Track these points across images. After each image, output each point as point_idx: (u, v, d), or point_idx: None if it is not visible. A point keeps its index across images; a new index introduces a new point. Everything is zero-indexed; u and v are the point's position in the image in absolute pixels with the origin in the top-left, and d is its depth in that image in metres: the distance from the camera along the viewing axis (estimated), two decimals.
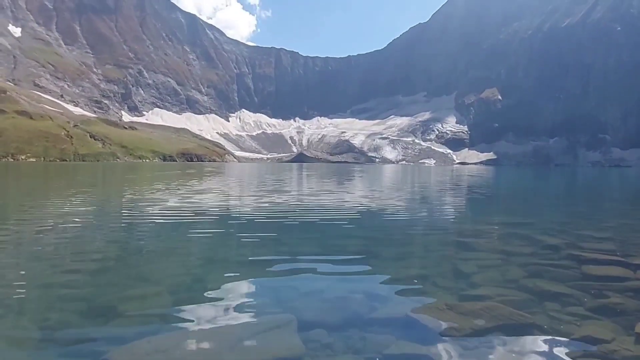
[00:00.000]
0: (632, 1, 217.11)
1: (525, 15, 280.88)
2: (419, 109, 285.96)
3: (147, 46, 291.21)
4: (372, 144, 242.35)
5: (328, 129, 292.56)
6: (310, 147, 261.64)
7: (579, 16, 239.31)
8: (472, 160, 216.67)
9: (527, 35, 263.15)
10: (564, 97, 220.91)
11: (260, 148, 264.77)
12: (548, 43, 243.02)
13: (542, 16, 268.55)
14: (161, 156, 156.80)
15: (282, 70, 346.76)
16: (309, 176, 39.89)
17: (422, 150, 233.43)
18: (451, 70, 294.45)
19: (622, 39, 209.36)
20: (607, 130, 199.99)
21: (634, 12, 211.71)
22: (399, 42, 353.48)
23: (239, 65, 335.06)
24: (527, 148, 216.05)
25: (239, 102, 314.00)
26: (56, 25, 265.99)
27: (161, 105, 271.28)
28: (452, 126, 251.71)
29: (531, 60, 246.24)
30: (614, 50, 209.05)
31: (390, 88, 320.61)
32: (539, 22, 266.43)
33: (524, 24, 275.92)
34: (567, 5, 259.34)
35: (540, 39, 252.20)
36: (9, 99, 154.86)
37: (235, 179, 32.66)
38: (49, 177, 34.24)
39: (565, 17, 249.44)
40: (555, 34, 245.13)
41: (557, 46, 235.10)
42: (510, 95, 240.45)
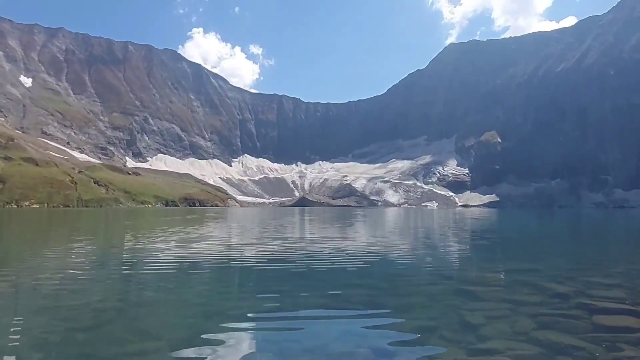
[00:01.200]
0: (624, 46, 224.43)
1: (519, 61, 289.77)
2: (419, 153, 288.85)
3: (153, 94, 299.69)
4: (373, 188, 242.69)
5: (330, 173, 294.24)
6: (312, 191, 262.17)
7: (573, 61, 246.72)
8: (474, 202, 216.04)
9: (523, 80, 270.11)
10: (563, 139, 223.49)
11: (262, 192, 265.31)
12: (544, 87, 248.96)
13: (536, 62, 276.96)
14: (164, 201, 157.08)
15: (284, 116, 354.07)
16: (311, 221, 39.74)
17: (424, 193, 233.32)
18: (450, 115, 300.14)
19: (616, 82, 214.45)
20: (609, 172, 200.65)
21: (626, 57, 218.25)
22: (398, 87, 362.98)
23: (242, 111, 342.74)
24: (529, 190, 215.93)
25: (241, 148, 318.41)
26: (66, 75, 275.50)
27: (165, 151, 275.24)
28: (453, 169, 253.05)
29: (528, 104, 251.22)
30: (609, 93, 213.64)
31: (390, 132, 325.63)
32: (533, 68, 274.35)
33: (519, 69, 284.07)
34: (560, 51, 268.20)
35: (536, 83, 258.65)
36: (16, 146, 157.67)
37: (236, 224, 32.53)
38: (51, 224, 34.22)
39: (559, 63, 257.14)
40: (551, 78, 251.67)
41: (553, 90, 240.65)
42: (510, 138, 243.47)
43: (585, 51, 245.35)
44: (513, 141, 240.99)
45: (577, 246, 17.87)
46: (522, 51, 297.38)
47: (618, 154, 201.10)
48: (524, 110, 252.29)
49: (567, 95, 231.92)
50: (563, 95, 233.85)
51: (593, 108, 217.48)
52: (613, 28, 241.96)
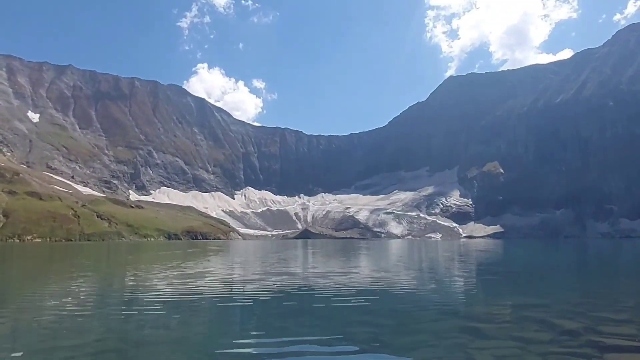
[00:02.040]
0: (621, 78, 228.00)
1: (518, 94, 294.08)
2: (422, 184, 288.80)
3: (157, 129, 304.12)
4: (377, 219, 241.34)
5: (332, 205, 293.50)
6: (315, 223, 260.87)
7: (571, 93, 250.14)
8: (479, 233, 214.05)
9: (523, 112, 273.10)
10: (566, 169, 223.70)
11: (265, 225, 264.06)
12: (544, 118, 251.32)
13: (535, 94, 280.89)
14: (166, 234, 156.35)
15: (287, 148, 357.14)
16: (313, 254, 39.34)
17: (427, 225, 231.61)
18: (452, 146, 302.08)
19: (615, 113, 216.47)
20: (613, 201, 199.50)
21: (624, 88, 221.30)
22: (400, 120, 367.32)
23: (245, 144, 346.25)
24: (534, 220, 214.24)
25: (244, 180, 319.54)
26: (73, 111, 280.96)
27: (168, 184, 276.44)
28: (456, 200, 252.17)
29: (529, 135, 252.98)
30: (609, 123, 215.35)
31: (392, 164, 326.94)
32: (532, 100, 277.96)
33: (518, 101, 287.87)
34: (557, 83, 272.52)
35: (536, 114, 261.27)
36: (21, 180, 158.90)
37: (238, 258, 32.22)
38: (52, 259, 33.99)
39: (558, 94, 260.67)
40: (550, 110, 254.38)
41: (553, 121, 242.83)
42: (512, 169, 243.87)
43: (583, 83, 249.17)
44: (515, 172, 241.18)
45: (585, 279, 17.55)
46: (520, 83, 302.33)
47: (621, 184, 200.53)
48: (525, 141, 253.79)
49: (568, 126, 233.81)
50: (563, 126, 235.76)
51: (594, 138, 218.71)
52: (609, 61, 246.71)
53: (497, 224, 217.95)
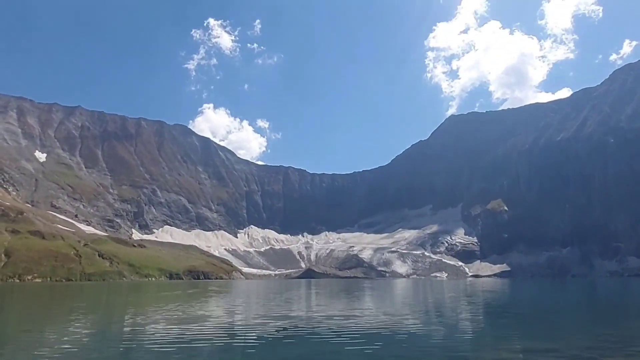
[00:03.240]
0: (620, 115, 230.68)
1: (519, 132, 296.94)
2: (426, 222, 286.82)
3: (162, 168, 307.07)
4: (381, 258, 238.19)
5: (336, 244, 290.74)
6: (318, 262, 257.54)
7: (572, 131, 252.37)
8: (485, 272, 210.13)
9: (525, 149, 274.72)
10: (570, 206, 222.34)
11: (268, 264, 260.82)
12: (546, 156, 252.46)
13: (535, 132, 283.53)
14: (168, 274, 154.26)
15: (290, 187, 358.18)
16: (317, 294, 38.63)
17: (432, 264, 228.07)
18: (455, 184, 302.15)
19: (616, 151, 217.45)
20: (620, 239, 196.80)
21: (624, 126, 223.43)
22: (402, 158, 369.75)
23: (249, 183, 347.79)
24: (541, 259, 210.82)
25: (247, 219, 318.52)
26: (80, 150, 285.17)
27: (171, 223, 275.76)
28: (461, 238, 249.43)
29: (532, 172, 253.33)
30: (611, 161, 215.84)
31: (396, 202, 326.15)
32: (534, 137, 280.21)
33: (519, 139, 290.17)
34: (558, 121, 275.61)
35: (538, 152, 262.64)
36: (24, 219, 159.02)
37: (239, 299, 31.66)
38: (51, 299, 33.51)
39: (559, 132, 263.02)
40: (552, 147, 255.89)
41: (555, 159, 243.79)
42: (516, 206, 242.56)
43: (583, 121, 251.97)
44: (519, 209, 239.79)
45: (595, 320, 17.10)
46: (521, 122, 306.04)
47: (627, 221, 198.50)
48: (528, 179, 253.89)
49: (570, 163, 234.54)
50: (565, 164, 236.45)
51: (597, 176, 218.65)
52: (608, 99, 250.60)
53: (504, 263, 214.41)
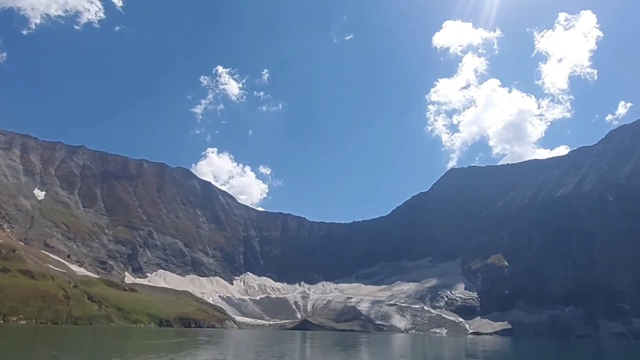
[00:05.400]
0: (619, 173, 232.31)
1: (519, 186, 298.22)
2: (425, 275, 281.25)
3: (160, 209, 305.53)
4: (379, 311, 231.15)
5: (334, 294, 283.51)
6: (315, 312, 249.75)
7: (571, 187, 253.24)
8: (486, 329, 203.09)
9: (524, 204, 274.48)
10: (571, 263, 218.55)
11: (262, 313, 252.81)
12: (546, 211, 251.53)
13: (535, 187, 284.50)
14: (157, 320, 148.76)
15: (289, 234, 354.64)
16: (312, 348, 36.62)
17: (432, 319, 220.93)
18: (454, 237, 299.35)
19: (617, 208, 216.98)
20: (624, 299, 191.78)
21: (623, 183, 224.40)
22: (402, 209, 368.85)
23: (247, 228, 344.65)
24: (543, 317, 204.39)
25: (244, 265, 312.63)
26: (79, 189, 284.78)
27: (165, 267, 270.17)
28: (461, 292, 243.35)
29: (532, 227, 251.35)
30: (612, 219, 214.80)
31: (395, 253, 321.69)
32: (533, 192, 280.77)
33: (519, 193, 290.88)
34: (557, 177, 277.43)
35: (537, 207, 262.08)
36: (16, 257, 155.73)
37: (228, 352, 29.85)
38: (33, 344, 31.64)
39: (558, 188, 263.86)
40: (551, 203, 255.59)
41: (556, 214, 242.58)
42: (516, 262, 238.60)
43: (581, 178, 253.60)
44: (520, 265, 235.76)
45: None
46: (520, 176, 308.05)
47: (631, 281, 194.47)
48: (528, 234, 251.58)
49: (570, 219, 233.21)
50: (566, 220, 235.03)
51: (598, 233, 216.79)
52: (606, 157, 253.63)
53: (505, 320, 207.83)
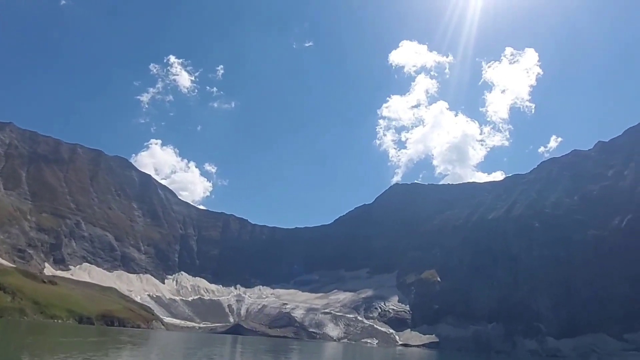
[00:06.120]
0: (545, 202, 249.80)
1: (456, 206, 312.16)
2: (361, 285, 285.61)
3: (92, 199, 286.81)
4: (314, 319, 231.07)
5: (269, 299, 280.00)
6: (248, 317, 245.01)
7: (502, 211, 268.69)
8: (414, 342, 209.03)
9: (459, 224, 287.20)
10: (497, 284, 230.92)
11: (193, 315, 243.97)
12: (477, 232, 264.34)
13: (470, 208, 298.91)
14: (77, 317, 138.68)
15: (229, 235, 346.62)
16: (242, 353, 35.06)
17: (364, 329, 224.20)
18: (392, 250, 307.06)
19: (540, 235, 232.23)
20: (541, 320, 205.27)
21: (548, 212, 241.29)
22: (345, 219, 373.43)
23: (186, 226, 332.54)
24: (468, 333, 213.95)
25: (178, 264, 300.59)
26: (1, 169, 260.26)
27: (92, 260, 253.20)
28: (394, 305, 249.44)
29: (464, 247, 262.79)
30: (536, 244, 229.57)
31: (334, 262, 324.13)
32: (468, 213, 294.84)
33: (455, 213, 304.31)
34: (490, 200, 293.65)
35: (470, 228, 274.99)
36: None
37: (150, 354, 27.68)
38: None
39: (490, 211, 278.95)
40: (483, 225, 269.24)
41: (486, 236, 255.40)
42: (447, 278, 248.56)
43: (512, 203, 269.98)
44: (451, 282, 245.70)
45: None
46: (458, 197, 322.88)
47: (548, 303, 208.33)
48: (460, 253, 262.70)
49: (499, 242, 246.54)
50: (495, 242, 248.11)
51: (522, 257, 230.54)
52: (535, 186, 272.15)
53: (433, 333, 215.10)
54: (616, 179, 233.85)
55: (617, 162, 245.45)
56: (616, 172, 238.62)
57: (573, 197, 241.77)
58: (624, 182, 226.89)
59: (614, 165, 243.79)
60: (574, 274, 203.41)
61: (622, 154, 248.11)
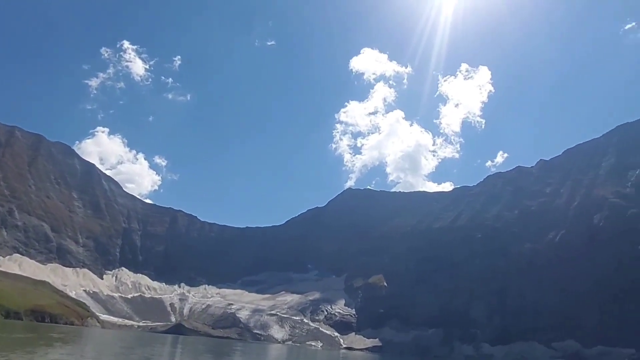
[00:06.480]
0: (487, 214, 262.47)
1: (405, 214, 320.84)
2: (309, 288, 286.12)
3: (28, 186, 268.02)
4: (259, 320, 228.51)
5: (214, 299, 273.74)
6: (191, 317, 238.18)
7: (448, 221, 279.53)
8: (358, 345, 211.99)
9: (407, 231, 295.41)
10: (439, 291, 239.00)
11: (132, 314, 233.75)
12: (424, 240, 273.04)
13: (418, 217, 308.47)
14: (4, 311, 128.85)
15: (176, 231, 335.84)
16: (182, 353, 33.84)
17: (310, 331, 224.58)
18: (342, 253, 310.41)
19: (481, 246, 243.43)
20: (477, 326, 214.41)
21: (489, 224, 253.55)
22: (296, 220, 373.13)
23: (130, 220, 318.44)
24: (409, 337, 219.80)
25: (119, 259, 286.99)
26: None
27: (24, 252, 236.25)
28: (340, 308, 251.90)
29: (410, 254, 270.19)
30: (476, 254, 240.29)
31: (283, 263, 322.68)
32: (416, 222, 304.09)
33: (404, 220, 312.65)
34: (438, 210, 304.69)
35: (417, 236, 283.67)
36: None
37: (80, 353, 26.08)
38: None
39: (437, 220, 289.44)
40: (429, 233, 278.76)
41: (432, 244, 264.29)
42: (394, 283, 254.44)
43: (458, 214, 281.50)
44: (396, 287, 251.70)
45: None
46: (408, 205, 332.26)
47: (484, 311, 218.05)
48: (406, 259, 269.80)
49: (443, 251, 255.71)
50: (439, 251, 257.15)
51: (463, 265, 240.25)
52: (480, 199, 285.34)
53: (377, 337, 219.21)
54: (553, 196, 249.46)
55: (554, 180, 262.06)
56: (553, 189, 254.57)
57: (513, 211, 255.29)
58: (560, 200, 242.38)
59: (552, 183, 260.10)
60: (509, 283, 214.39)
61: (559, 172, 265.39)
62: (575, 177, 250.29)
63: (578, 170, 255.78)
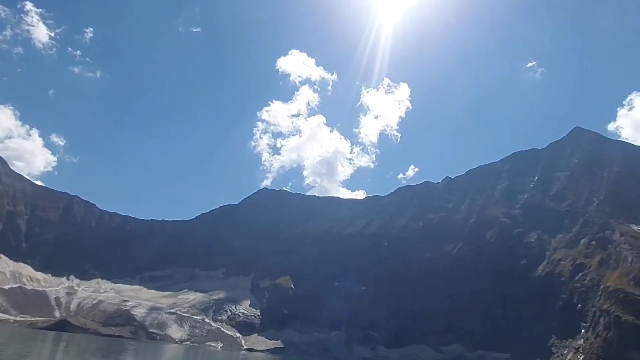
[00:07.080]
0: (395, 224, 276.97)
1: (318, 218, 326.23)
2: (215, 286, 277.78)
3: None
4: (156, 319, 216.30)
5: (108, 294, 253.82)
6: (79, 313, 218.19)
7: (359, 228, 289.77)
8: (260, 347, 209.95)
9: (319, 235, 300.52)
10: (345, 294, 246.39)
11: (9, 307, 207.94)
12: (334, 245, 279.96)
13: (330, 222, 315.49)
14: None
15: (71, 219, 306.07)
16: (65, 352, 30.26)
17: (210, 332, 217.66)
18: (252, 253, 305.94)
19: (387, 253, 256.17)
20: (376, 329, 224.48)
21: (395, 233, 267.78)
22: (207, 216, 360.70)
23: (16, 202, 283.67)
24: (312, 339, 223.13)
25: None
26: None
27: None
28: (245, 308, 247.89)
29: (319, 257, 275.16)
30: (382, 261, 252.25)
31: (189, 260, 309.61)
32: (328, 226, 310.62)
33: (317, 224, 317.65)
34: (350, 216, 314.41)
35: (328, 240, 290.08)
36: None
37: None
38: None
39: (348, 227, 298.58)
40: (340, 238, 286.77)
41: (341, 250, 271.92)
42: (301, 286, 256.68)
43: (368, 222, 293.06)
44: (303, 289, 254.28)
45: None
46: (321, 209, 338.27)
47: (384, 314, 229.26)
48: (315, 262, 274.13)
49: (351, 256, 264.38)
50: (348, 256, 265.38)
51: (370, 271, 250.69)
52: (390, 209, 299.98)
53: (279, 339, 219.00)
54: (453, 211, 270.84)
55: (456, 197, 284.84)
56: (454, 206, 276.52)
57: (418, 222, 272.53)
58: (459, 215, 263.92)
59: (453, 200, 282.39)
60: (407, 289, 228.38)
61: (461, 190, 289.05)
62: (473, 196, 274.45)
63: (476, 189, 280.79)
